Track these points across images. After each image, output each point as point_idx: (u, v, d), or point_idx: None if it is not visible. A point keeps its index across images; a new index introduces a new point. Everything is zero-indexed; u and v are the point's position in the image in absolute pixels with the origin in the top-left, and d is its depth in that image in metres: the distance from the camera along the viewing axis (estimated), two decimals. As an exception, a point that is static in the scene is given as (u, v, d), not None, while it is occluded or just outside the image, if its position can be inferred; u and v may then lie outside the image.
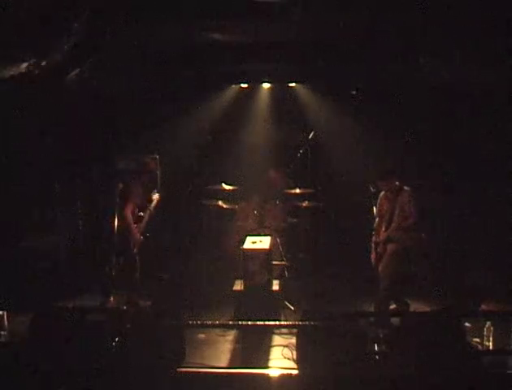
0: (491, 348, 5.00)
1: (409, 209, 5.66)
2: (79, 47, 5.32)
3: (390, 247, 5.72)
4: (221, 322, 5.97)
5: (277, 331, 5.68)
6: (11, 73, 5.25)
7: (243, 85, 8.28)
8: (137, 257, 6.24)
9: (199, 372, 3.37)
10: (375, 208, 6.01)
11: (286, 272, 7.07)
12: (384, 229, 5.80)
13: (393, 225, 5.70)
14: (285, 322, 6.09)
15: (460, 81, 7.03)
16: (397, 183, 5.78)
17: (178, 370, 2.94)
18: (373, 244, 5.91)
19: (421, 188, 6.82)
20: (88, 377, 2.76)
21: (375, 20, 5.60)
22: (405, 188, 5.77)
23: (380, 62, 6.84)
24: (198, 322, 5.18)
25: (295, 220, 7.78)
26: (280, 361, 5.10)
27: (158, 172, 7.95)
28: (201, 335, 5.68)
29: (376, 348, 4.50)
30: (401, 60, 6.74)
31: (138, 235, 6.22)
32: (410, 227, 5.67)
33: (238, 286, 6.31)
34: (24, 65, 5.25)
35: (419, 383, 2.56)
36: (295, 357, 3.53)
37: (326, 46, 6.54)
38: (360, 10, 5.29)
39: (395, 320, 4.95)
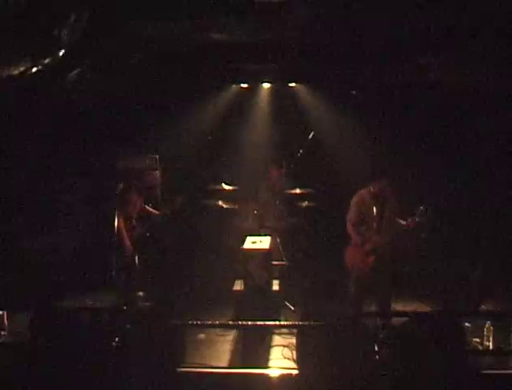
0: (491, 348, 5.00)
1: (397, 208, 5.60)
2: (79, 47, 5.32)
3: (389, 249, 5.65)
4: (221, 322, 5.97)
5: (277, 331, 5.68)
6: (10, 73, 5.24)
7: (243, 85, 8.28)
8: (132, 262, 6.16)
9: (199, 372, 3.37)
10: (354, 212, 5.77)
11: (286, 272, 7.07)
12: (377, 232, 5.61)
13: (393, 226, 5.60)
14: (285, 322, 6.09)
15: (460, 82, 7.04)
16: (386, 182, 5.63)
17: (178, 370, 2.93)
18: (360, 253, 5.64)
19: (422, 188, 6.85)
20: (88, 377, 2.76)
21: (376, 20, 5.60)
22: (388, 187, 5.62)
23: (380, 63, 6.84)
24: (198, 322, 5.18)
25: (295, 220, 7.78)
26: (280, 361, 5.11)
27: (157, 172, 7.95)
28: (201, 335, 5.68)
29: (376, 348, 4.50)
30: (401, 60, 6.75)
31: (128, 243, 6.05)
32: (409, 226, 5.62)
33: (238, 286, 6.31)
34: (23, 65, 5.24)
35: (419, 383, 2.56)
36: (295, 357, 3.53)
37: (326, 46, 6.54)
38: (360, 9, 5.29)
39: (395, 320, 4.95)
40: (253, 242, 6.35)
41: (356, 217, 5.70)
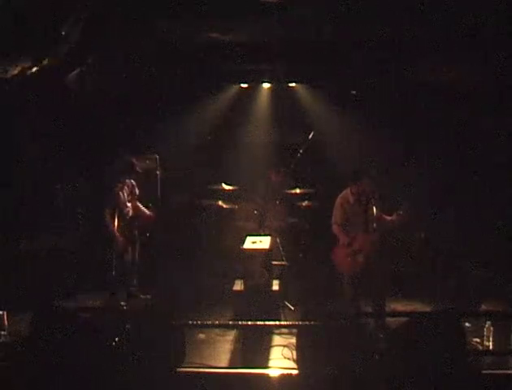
0: (491, 348, 5.00)
1: (380, 204, 5.65)
2: (78, 47, 5.32)
3: (377, 247, 5.67)
4: (221, 322, 5.97)
5: (277, 331, 5.68)
6: (11, 73, 5.25)
7: (243, 85, 8.28)
8: (125, 257, 6.25)
9: (199, 372, 3.37)
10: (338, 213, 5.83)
11: (286, 272, 7.06)
12: (363, 230, 5.66)
13: (378, 223, 5.61)
14: (285, 322, 6.09)
15: (459, 81, 7.05)
16: (367, 183, 5.68)
17: (178, 370, 2.93)
18: (349, 253, 5.67)
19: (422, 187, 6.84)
20: (88, 377, 2.76)
21: (375, 20, 5.60)
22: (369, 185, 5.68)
23: (380, 63, 6.85)
24: (198, 322, 5.18)
25: (295, 220, 7.77)
26: (280, 361, 5.10)
27: (158, 172, 7.95)
28: (201, 335, 5.68)
29: (376, 348, 4.49)
30: (400, 60, 6.75)
31: (118, 234, 6.18)
32: (394, 221, 5.66)
33: (238, 286, 6.31)
34: (24, 65, 5.25)
35: (419, 383, 2.56)
36: (295, 357, 3.53)
37: (326, 46, 6.54)
38: (360, 10, 5.30)
39: (395, 320, 4.95)
40: (253, 242, 6.34)
41: (341, 217, 5.79)
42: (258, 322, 4.97)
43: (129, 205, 6.39)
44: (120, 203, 6.25)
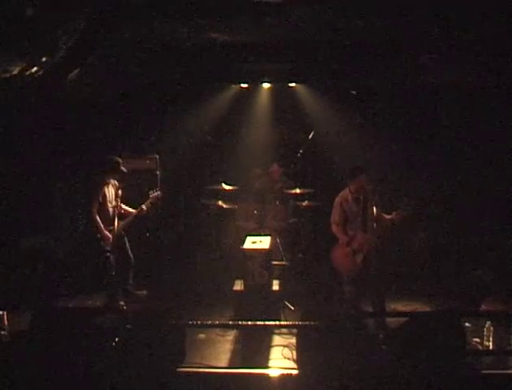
0: (491, 348, 5.00)
1: (378, 203, 5.64)
2: (79, 47, 5.31)
3: (377, 246, 5.67)
4: (221, 322, 5.97)
5: (277, 331, 5.68)
6: (12, 73, 5.24)
7: (243, 85, 8.28)
8: (111, 256, 6.27)
9: (199, 372, 3.37)
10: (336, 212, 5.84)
11: (286, 272, 7.06)
12: (362, 230, 5.66)
13: (378, 222, 5.61)
14: (285, 322, 6.09)
15: (459, 81, 7.05)
16: (365, 180, 5.67)
17: (178, 370, 2.93)
18: (348, 253, 5.67)
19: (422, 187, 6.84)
20: (88, 377, 2.76)
21: (375, 20, 5.60)
22: (367, 184, 5.68)
23: (380, 62, 6.85)
24: (198, 322, 5.17)
25: (295, 220, 7.78)
26: (280, 361, 5.10)
27: (158, 172, 7.95)
28: (201, 335, 5.68)
29: (377, 348, 4.49)
30: (400, 60, 6.75)
31: (107, 234, 6.24)
32: (393, 219, 5.67)
33: (238, 286, 6.31)
34: (24, 65, 5.24)
35: (419, 383, 2.56)
36: (295, 357, 3.53)
37: (326, 46, 6.54)
38: (360, 9, 5.29)
39: (395, 320, 4.95)
40: (253, 242, 6.35)
41: (340, 217, 5.80)
42: (258, 322, 4.97)
43: (115, 203, 6.42)
44: (106, 202, 6.30)
